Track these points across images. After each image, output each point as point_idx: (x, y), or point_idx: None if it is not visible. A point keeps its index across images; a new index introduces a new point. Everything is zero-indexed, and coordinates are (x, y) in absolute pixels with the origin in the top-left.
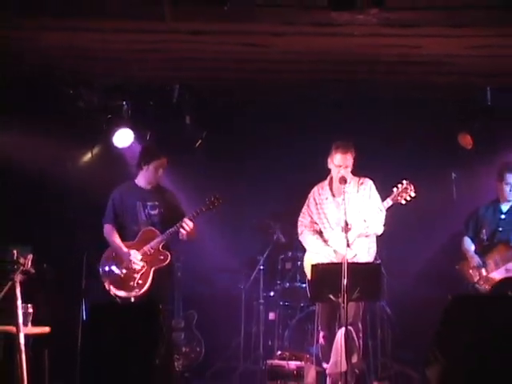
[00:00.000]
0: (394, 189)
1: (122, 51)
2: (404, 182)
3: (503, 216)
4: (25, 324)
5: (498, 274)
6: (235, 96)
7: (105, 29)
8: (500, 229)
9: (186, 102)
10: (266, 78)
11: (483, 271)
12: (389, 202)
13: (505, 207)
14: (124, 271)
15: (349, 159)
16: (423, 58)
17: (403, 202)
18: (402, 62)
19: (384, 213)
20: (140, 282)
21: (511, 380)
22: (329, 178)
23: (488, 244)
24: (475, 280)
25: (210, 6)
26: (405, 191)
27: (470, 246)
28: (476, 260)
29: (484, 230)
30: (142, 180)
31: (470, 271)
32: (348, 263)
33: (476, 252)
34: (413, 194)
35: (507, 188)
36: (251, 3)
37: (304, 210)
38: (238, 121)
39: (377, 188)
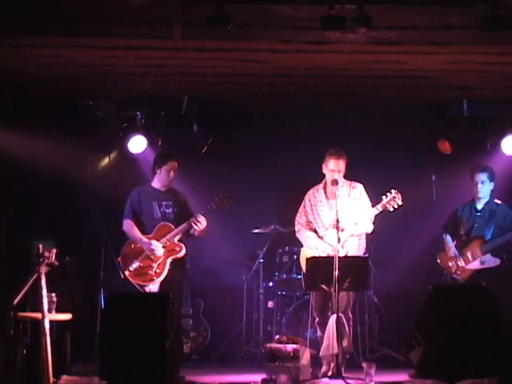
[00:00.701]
0: (383, 197)
1: (136, 66)
2: (392, 191)
3: (479, 214)
4: (49, 311)
5: (473, 266)
6: (238, 106)
7: (121, 46)
8: (476, 225)
9: (193, 112)
10: (266, 90)
11: (460, 263)
12: (378, 208)
13: (479, 206)
14: (143, 262)
15: (341, 164)
16: (407, 73)
17: (391, 209)
18: (388, 76)
19: (373, 213)
20: (157, 271)
21: (485, 360)
22: (323, 182)
23: (465, 239)
24: (453, 271)
25: (215, 26)
26: (393, 199)
27: (450, 241)
28: (454, 253)
29: (462, 227)
30: (157, 183)
31: (449, 263)
32: (339, 257)
33: (456, 246)
34: (400, 203)
35: (475, 186)
36: (253, 23)
37: (300, 210)
38: (240, 129)
39: (367, 191)
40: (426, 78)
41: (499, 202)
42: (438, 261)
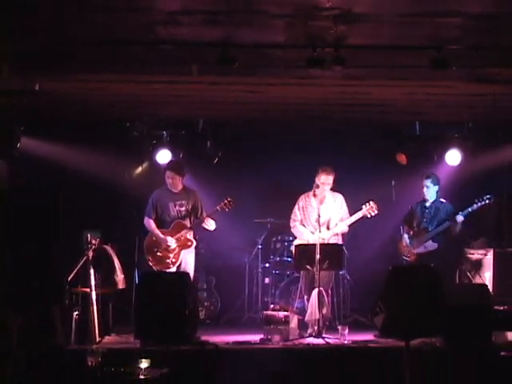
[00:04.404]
0: (363, 206)
1: (163, 96)
2: (371, 202)
3: (427, 210)
4: (95, 286)
5: (418, 250)
6: (242, 127)
7: (151, 81)
8: (424, 219)
9: (207, 131)
10: (264, 114)
11: (410, 248)
12: (359, 214)
13: (428, 204)
14: (162, 252)
15: (330, 179)
16: (371, 101)
17: (369, 216)
18: (356, 103)
19: (350, 220)
20: (173, 260)
21: (432, 323)
22: (314, 190)
23: (417, 230)
24: (405, 254)
25: (224, 65)
26: (371, 209)
27: (404, 232)
28: (405, 240)
29: (415, 220)
30: (169, 186)
31: (402, 248)
32: (320, 244)
33: (410, 235)
34: (376, 212)
35: (422, 190)
36: (252, 63)
37: (294, 210)
38: (244, 144)
39: (345, 196)
40: (387, 106)
41: (444, 200)
42: (397, 246)
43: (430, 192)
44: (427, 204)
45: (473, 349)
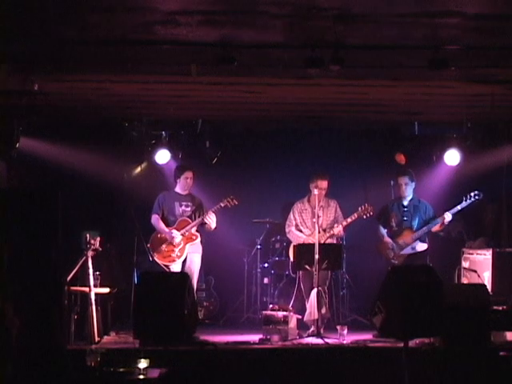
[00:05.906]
0: (359, 208)
1: (162, 96)
2: (366, 204)
3: (406, 209)
4: (95, 286)
5: (406, 251)
6: (241, 127)
7: (150, 81)
8: (405, 218)
9: (206, 132)
10: (262, 115)
11: (395, 250)
12: (355, 215)
13: (405, 202)
14: (167, 247)
15: (325, 184)
16: (370, 101)
17: (364, 217)
18: (355, 103)
19: (344, 223)
20: (178, 254)
21: (431, 323)
22: (309, 196)
23: (397, 229)
24: (390, 257)
25: (223, 65)
26: (366, 210)
27: (383, 231)
28: (390, 242)
29: (393, 220)
30: (178, 189)
31: (386, 251)
32: (319, 244)
33: (388, 235)
34: (371, 213)
35: (400, 187)
36: (252, 63)
37: (290, 216)
38: (243, 144)
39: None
40: (385, 106)
41: (420, 199)
42: (377, 249)
43: (409, 189)
44: (405, 202)
45: (471, 349)
